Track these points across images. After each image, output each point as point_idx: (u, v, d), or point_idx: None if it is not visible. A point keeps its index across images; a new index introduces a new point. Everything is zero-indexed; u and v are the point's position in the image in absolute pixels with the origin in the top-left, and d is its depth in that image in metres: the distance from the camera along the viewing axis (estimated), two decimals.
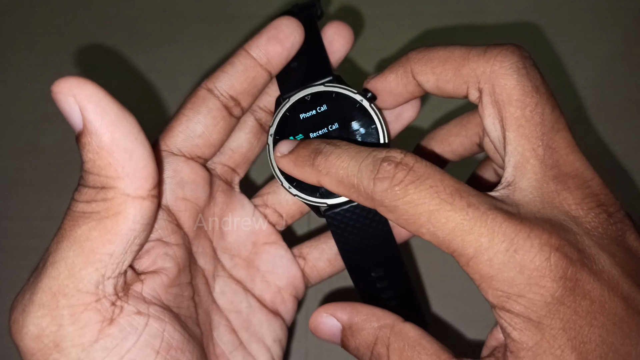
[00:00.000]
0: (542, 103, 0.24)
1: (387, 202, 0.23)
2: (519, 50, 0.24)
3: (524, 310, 0.21)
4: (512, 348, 0.22)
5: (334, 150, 0.25)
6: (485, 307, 0.23)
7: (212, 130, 0.27)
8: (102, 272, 0.22)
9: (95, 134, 0.21)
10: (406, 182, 0.22)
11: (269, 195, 0.32)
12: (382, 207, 0.23)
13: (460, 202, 0.22)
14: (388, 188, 0.22)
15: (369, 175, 0.23)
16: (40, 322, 0.21)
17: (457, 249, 0.22)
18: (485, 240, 0.21)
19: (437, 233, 0.22)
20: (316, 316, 0.27)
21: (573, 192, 0.23)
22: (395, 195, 0.22)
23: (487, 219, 0.21)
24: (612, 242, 0.23)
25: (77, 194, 0.22)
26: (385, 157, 0.23)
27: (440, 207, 0.22)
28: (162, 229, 0.25)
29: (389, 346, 0.25)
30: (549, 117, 0.24)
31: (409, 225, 0.23)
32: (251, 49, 0.27)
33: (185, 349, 0.24)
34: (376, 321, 0.25)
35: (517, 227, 0.21)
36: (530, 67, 0.24)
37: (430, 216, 0.22)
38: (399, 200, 0.22)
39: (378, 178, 0.23)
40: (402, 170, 0.22)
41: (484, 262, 0.21)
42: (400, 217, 0.23)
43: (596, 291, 0.21)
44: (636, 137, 0.40)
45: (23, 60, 0.44)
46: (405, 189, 0.22)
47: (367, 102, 0.28)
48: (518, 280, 0.21)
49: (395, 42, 0.43)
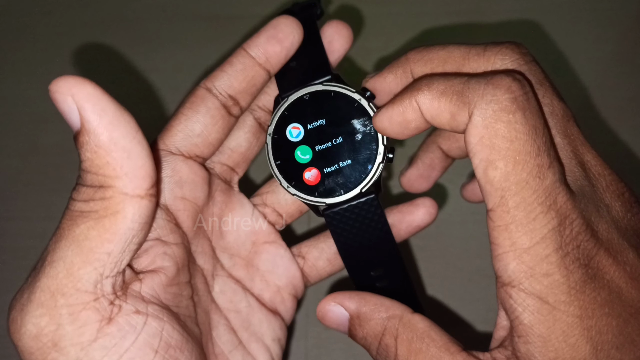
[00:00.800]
0: (549, 95, 0.24)
1: (490, 113, 0.21)
2: (518, 47, 0.24)
3: (544, 290, 0.21)
4: (521, 332, 0.21)
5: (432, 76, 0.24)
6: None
7: (211, 129, 0.27)
8: (100, 271, 0.22)
9: (93, 133, 0.21)
10: (521, 99, 0.21)
11: (268, 195, 0.32)
12: (479, 116, 0.22)
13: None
14: (506, 93, 0.21)
15: (480, 81, 0.22)
16: (39, 321, 0.21)
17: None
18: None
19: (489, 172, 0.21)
20: (324, 304, 0.26)
21: (598, 179, 0.23)
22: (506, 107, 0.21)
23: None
24: (634, 234, 0.22)
25: (75, 193, 0.22)
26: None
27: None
28: (161, 228, 0.25)
29: (397, 337, 0.24)
30: (558, 106, 0.24)
31: (481, 151, 0.22)
32: (250, 48, 0.27)
33: (184, 348, 0.24)
34: (385, 311, 0.25)
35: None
36: (531, 63, 0.24)
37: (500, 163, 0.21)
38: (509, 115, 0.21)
39: (492, 83, 0.22)
40: (522, 87, 0.22)
41: (521, 230, 0.21)
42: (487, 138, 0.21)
43: (615, 281, 0.21)
44: (636, 137, 0.40)
45: (23, 60, 0.44)
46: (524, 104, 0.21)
47: (366, 101, 0.27)
48: (552, 259, 0.21)
49: (395, 41, 0.43)
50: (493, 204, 0.22)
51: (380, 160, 0.27)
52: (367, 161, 0.27)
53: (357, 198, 0.28)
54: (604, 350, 0.21)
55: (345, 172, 0.28)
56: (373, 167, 0.27)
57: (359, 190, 0.28)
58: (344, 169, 0.28)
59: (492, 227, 0.22)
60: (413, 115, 0.24)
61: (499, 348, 0.23)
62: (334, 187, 0.28)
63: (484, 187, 0.22)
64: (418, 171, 0.33)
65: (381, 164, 0.27)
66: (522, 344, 0.21)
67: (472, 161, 0.22)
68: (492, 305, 0.23)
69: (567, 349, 0.21)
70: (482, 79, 0.22)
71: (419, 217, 0.30)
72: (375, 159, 0.27)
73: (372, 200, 0.28)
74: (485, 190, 0.22)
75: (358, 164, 0.27)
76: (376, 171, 0.27)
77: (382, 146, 0.27)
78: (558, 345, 0.21)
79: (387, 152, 0.27)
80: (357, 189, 0.27)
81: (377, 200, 0.28)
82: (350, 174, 0.28)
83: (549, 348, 0.21)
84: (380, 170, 0.27)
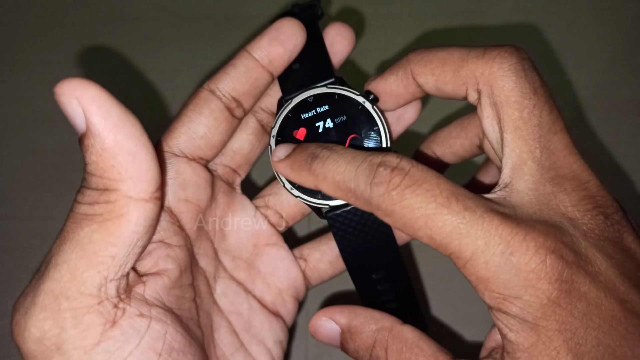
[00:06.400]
0: (540, 105, 0.24)
1: (384, 207, 0.23)
2: (517, 51, 0.24)
3: (520, 312, 0.21)
4: (509, 349, 0.22)
5: (330, 155, 0.25)
6: (485, 307, 0.23)
7: (214, 131, 0.27)
8: (104, 274, 0.22)
9: (98, 136, 0.21)
10: (403, 186, 0.22)
11: (270, 197, 0.32)
12: (379, 212, 0.23)
13: (456, 206, 0.22)
14: (385, 192, 0.22)
15: (365, 180, 0.23)
16: (43, 324, 0.21)
17: (454, 252, 0.22)
18: (482, 243, 0.21)
19: (434, 237, 0.22)
20: (315, 320, 0.27)
21: (570, 194, 0.23)
22: (392, 199, 0.22)
23: (483, 222, 0.21)
24: (609, 244, 0.23)
25: (79, 195, 0.22)
26: (381, 161, 0.23)
27: (437, 211, 0.22)
28: (164, 231, 0.25)
29: (387, 348, 0.25)
30: (547, 119, 0.24)
31: (406, 229, 0.23)
32: (253, 50, 0.27)
33: (187, 351, 0.24)
34: (374, 324, 0.26)
35: (513, 230, 0.21)
36: (528, 69, 0.24)
37: (427, 220, 0.22)
38: (396, 205, 0.22)
39: (374, 183, 0.23)
40: (399, 175, 0.22)
41: (480, 265, 0.21)
42: (398, 221, 0.23)
43: (592, 293, 0.21)
44: (636, 138, 0.41)
45: (23, 60, 0.44)
46: (402, 193, 0.22)
47: (370, 104, 0.27)
48: (514, 283, 0.21)
49: (396, 42, 0.43)
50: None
51: None
52: None
53: None
54: None
55: None
56: None
57: None
58: None
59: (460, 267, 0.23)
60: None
61: (487, 358, 0.23)
62: None
63: None
64: None
65: None
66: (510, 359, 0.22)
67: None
68: None
69: None
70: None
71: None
72: None
73: None
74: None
75: None
76: None
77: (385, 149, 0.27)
78: (542, 359, 0.21)
79: None
80: None
81: None
82: None
83: None
84: None
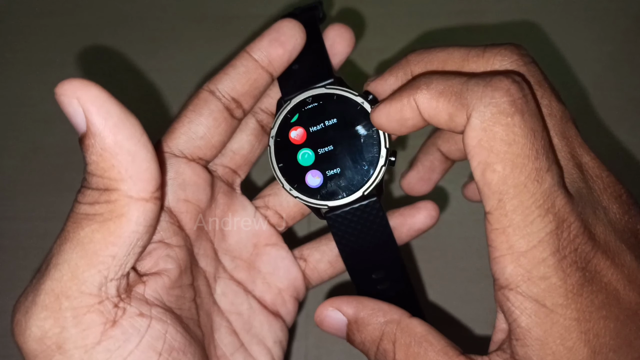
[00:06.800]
0: (547, 96, 0.24)
1: (488, 115, 0.21)
2: (517, 48, 0.24)
3: (542, 293, 0.21)
4: (519, 335, 0.21)
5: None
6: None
7: (213, 132, 0.27)
8: (104, 274, 0.22)
9: (98, 136, 0.21)
10: (520, 102, 0.21)
11: (270, 197, 0.32)
12: (477, 119, 0.22)
13: None
14: (505, 96, 0.21)
15: (479, 82, 0.22)
16: (43, 324, 0.21)
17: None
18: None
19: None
20: (322, 309, 0.26)
21: (596, 181, 0.23)
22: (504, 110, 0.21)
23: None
24: (631, 236, 0.23)
25: (80, 195, 0.22)
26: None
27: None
28: (164, 231, 0.25)
29: (395, 342, 0.24)
30: (557, 107, 0.24)
31: (480, 154, 0.22)
32: (253, 51, 0.27)
33: (187, 351, 0.24)
34: (382, 316, 0.25)
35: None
36: (530, 64, 0.24)
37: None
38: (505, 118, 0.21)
39: (491, 85, 0.22)
40: (521, 90, 0.22)
41: (518, 233, 0.21)
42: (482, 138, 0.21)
43: (613, 284, 0.21)
44: (636, 137, 0.41)
45: (23, 60, 0.44)
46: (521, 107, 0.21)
47: (369, 104, 0.28)
48: (549, 262, 0.21)
49: (396, 43, 0.43)
50: (491, 206, 0.22)
51: (383, 164, 0.27)
52: (370, 164, 0.27)
53: (359, 201, 0.28)
54: (601, 353, 0.21)
55: (347, 175, 0.28)
56: (375, 170, 0.27)
57: (361, 193, 0.28)
58: (346, 172, 0.28)
59: (490, 230, 0.22)
60: (411, 114, 0.24)
61: (497, 351, 0.23)
62: (336, 190, 0.28)
63: (482, 189, 0.22)
64: (418, 174, 0.33)
65: (383, 167, 0.27)
66: (520, 347, 0.22)
67: (471, 163, 0.22)
68: (493, 306, 0.23)
69: (564, 352, 0.21)
70: (481, 80, 0.22)
71: (420, 221, 0.30)
72: (378, 162, 0.27)
73: (374, 203, 0.28)
74: (483, 193, 0.22)
75: (360, 166, 0.28)
76: (378, 174, 0.27)
77: (384, 149, 0.27)
78: (555, 348, 0.21)
79: (389, 156, 0.27)
80: (360, 191, 0.28)
81: (379, 203, 0.28)
82: (353, 176, 0.28)
83: (546, 351, 0.21)
84: (382, 173, 0.27)
